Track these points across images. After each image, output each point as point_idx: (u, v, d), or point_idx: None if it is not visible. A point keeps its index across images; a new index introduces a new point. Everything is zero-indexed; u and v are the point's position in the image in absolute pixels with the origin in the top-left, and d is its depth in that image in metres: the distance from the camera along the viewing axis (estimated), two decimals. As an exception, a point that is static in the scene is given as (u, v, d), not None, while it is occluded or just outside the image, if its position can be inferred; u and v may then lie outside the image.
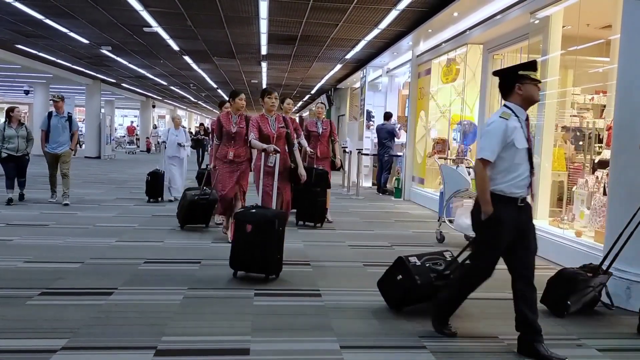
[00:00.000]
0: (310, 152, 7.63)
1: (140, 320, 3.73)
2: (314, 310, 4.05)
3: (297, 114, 40.83)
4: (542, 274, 5.52)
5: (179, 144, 9.88)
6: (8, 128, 8.81)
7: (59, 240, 6.20)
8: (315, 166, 7.92)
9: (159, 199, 9.70)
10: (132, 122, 42.25)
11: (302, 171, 5.90)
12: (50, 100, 9.11)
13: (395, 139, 12.68)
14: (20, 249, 5.73)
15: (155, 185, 9.74)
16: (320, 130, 8.32)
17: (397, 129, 12.77)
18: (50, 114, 9.00)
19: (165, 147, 10.10)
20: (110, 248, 5.92)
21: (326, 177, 7.83)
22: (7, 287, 4.37)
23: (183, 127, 10.70)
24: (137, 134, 34.40)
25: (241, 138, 6.28)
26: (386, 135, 12.47)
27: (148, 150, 31.05)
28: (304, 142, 6.79)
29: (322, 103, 7.22)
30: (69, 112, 9.18)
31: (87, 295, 4.23)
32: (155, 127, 33.40)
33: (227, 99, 7.26)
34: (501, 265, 5.87)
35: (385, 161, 12.61)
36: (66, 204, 8.70)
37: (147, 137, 31.90)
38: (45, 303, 4.04)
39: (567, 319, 4.07)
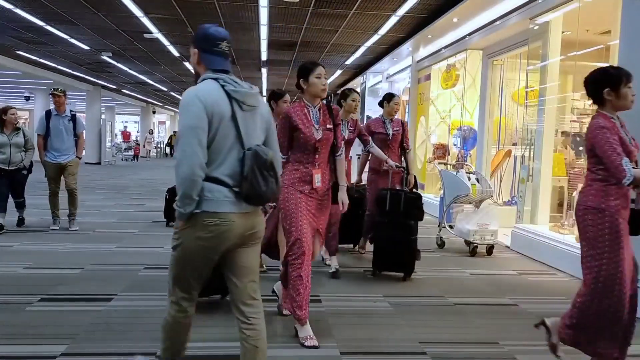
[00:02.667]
0: (393, 166, 5.64)
1: (139, 326, 3.72)
2: (313, 316, 4.03)
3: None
4: (543, 279, 5.52)
5: None
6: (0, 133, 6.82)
7: (59, 246, 6.20)
8: (396, 187, 5.71)
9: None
10: (125, 126, 39.27)
11: (343, 196, 3.81)
12: (49, 94, 7.25)
13: None
14: (20, 254, 5.73)
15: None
16: (391, 133, 5.96)
17: None
18: (48, 114, 7.04)
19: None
20: (110, 254, 5.91)
21: (420, 204, 5.28)
22: (7, 292, 4.36)
23: None
24: (136, 140, 33.23)
25: (327, 151, 3.78)
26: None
27: (135, 157, 28.59)
28: (377, 150, 5.60)
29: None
30: (71, 111, 7.23)
31: (87, 301, 4.22)
32: (151, 132, 33.17)
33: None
34: (502, 270, 5.88)
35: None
36: (74, 229, 7.12)
37: (137, 144, 30.30)
38: (45, 309, 4.03)
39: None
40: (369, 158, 6.03)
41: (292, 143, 3.70)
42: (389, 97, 6.08)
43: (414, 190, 5.81)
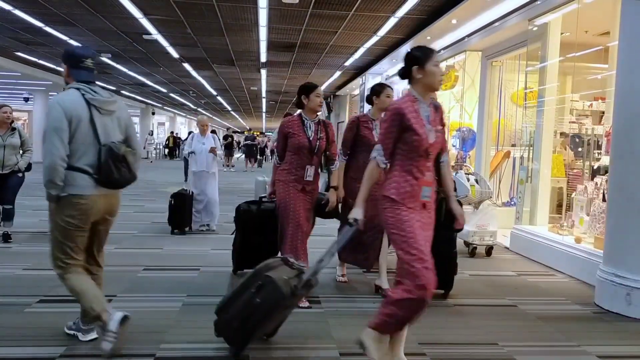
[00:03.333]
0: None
1: (139, 328, 3.71)
2: (313, 318, 4.04)
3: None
4: (542, 280, 5.52)
5: (212, 151, 7.54)
6: None
7: (58, 247, 6.17)
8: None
9: (187, 228, 7.41)
10: None
11: (333, 197, 4.58)
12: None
13: None
14: (19, 256, 5.72)
15: (182, 211, 7.27)
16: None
17: None
18: None
19: (188, 160, 7.92)
20: (109, 255, 5.85)
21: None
22: (6, 294, 4.36)
23: (213, 133, 8.37)
24: None
25: (319, 156, 4.55)
26: None
27: None
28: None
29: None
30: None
31: (85, 303, 4.21)
32: (151, 133, 33.13)
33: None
34: (501, 271, 5.88)
35: None
36: None
37: None
38: (43, 310, 4.03)
39: (567, 325, 4.06)
40: None
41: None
42: (378, 90, 4.82)
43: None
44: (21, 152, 6.44)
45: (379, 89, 4.81)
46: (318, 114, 4.53)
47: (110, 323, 3.04)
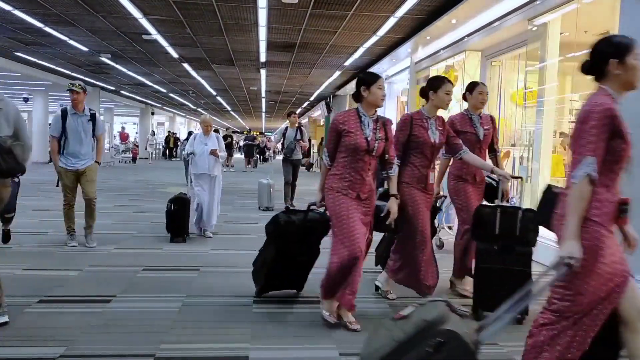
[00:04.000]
0: (507, 176, 4.47)
1: (138, 328, 3.72)
2: (313, 318, 4.04)
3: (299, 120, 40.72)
4: (542, 280, 5.52)
5: (213, 153, 7.05)
6: None
7: (58, 247, 6.18)
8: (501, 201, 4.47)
9: (186, 236, 6.81)
10: (123, 127, 37.47)
11: (394, 206, 3.94)
12: (66, 90, 6.23)
13: None
14: (19, 256, 5.71)
15: (182, 217, 6.72)
16: (482, 132, 4.74)
17: None
18: (64, 113, 6.09)
19: (190, 162, 7.27)
20: (108, 255, 5.90)
21: (537, 226, 4.03)
22: (5, 294, 4.34)
23: (216, 133, 7.83)
24: (135, 141, 32.10)
25: (377, 160, 3.97)
26: None
27: (134, 159, 27.31)
28: (473, 158, 4.41)
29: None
30: (90, 110, 6.28)
31: (85, 303, 4.22)
32: (153, 133, 33.11)
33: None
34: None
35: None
36: (92, 246, 6.17)
37: (136, 145, 29.32)
38: (43, 311, 4.02)
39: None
40: (450, 163, 4.80)
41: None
42: (471, 87, 4.72)
43: (508, 201, 4.72)
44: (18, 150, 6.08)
45: (437, 83, 4.23)
46: (377, 110, 3.95)
47: None
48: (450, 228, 6.97)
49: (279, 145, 13.08)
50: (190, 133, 19.76)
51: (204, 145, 7.10)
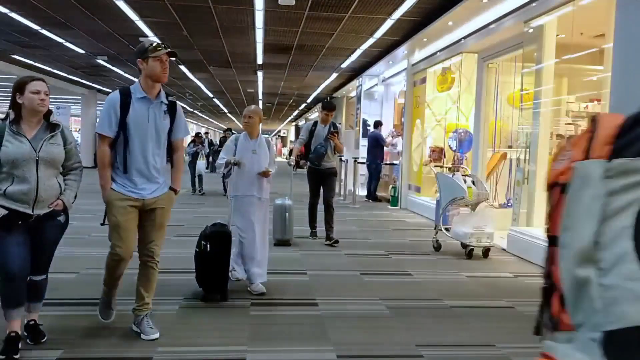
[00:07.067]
0: None
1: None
2: (310, 320, 4.04)
3: (294, 123, 40.83)
4: (538, 282, 5.53)
5: (265, 175, 4.85)
6: (12, 134, 3.13)
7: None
8: None
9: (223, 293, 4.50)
10: None
11: None
12: (148, 49, 3.55)
13: (386, 148, 12.98)
14: (15, 259, 5.68)
15: (221, 264, 4.45)
16: None
17: (384, 136, 13.15)
18: (126, 94, 3.56)
19: (226, 176, 4.97)
20: (105, 258, 5.87)
21: None
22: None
23: (265, 136, 5.26)
24: None
25: None
26: (373, 143, 12.76)
27: None
28: None
29: None
30: (169, 95, 3.74)
31: (83, 306, 4.21)
32: None
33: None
34: (498, 272, 5.89)
35: (373, 169, 12.85)
36: (153, 337, 3.54)
37: None
38: (43, 313, 4.00)
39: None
40: None
41: None
42: None
43: None
44: (68, 170, 3.42)
45: None
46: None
47: None
48: (447, 230, 6.97)
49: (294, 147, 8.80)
50: (228, 131, 17.26)
51: (252, 153, 4.85)
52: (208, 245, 4.38)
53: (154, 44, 3.62)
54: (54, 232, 3.40)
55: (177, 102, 3.75)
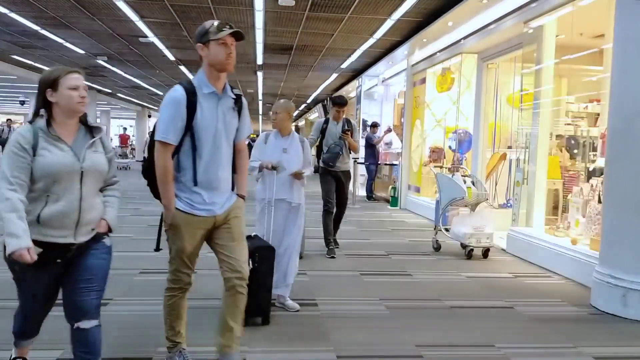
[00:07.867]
0: None
1: (136, 331, 3.71)
2: (310, 320, 4.04)
3: (294, 123, 40.74)
4: (539, 282, 5.53)
5: (297, 176, 4.39)
6: (49, 140, 2.42)
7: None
8: None
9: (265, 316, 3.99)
10: (125, 128, 35.26)
11: None
12: (215, 27, 3.03)
13: (380, 148, 13.39)
14: (15, 259, 5.68)
15: (265, 281, 3.90)
16: None
17: (375, 136, 13.40)
18: (191, 91, 2.91)
19: (257, 179, 4.46)
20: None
21: None
22: (3, 298, 4.34)
23: (297, 131, 5.12)
24: (132, 144, 30.99)
25: None
26: (365, 144, 13.13)
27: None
28: None
29: None
30: (233, 88, 3.10)
31: (82, 306, 4.19)
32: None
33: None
34: (498, 273, 5.89)
35: (370, 170, 13.19)
36: None
37: (133, 149, 27.84)
38: (40, 314, 4.00)
39: (563, 326, 4.07)
40: None
41: None
42: None
43: None
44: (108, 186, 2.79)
45: None
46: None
47: None
48: (447, 230, 6.98)
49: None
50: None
51: (282, 152, 4.38)
52: (250, 262, 3.57)
53: (216, 24, 3.01)
54: (102, 262, 2.70)
55: (241, 95, 3.12)
